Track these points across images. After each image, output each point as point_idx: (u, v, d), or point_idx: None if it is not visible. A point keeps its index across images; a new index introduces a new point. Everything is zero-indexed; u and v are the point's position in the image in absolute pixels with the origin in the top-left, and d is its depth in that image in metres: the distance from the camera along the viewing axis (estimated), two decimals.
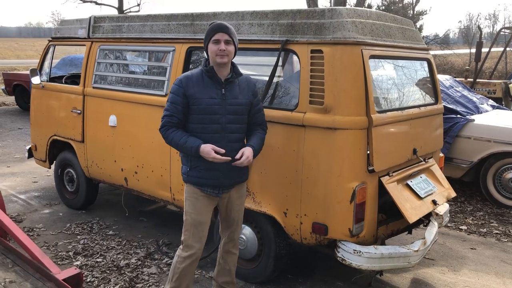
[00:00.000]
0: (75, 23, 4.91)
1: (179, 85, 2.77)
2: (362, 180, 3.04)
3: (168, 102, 2.79)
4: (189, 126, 2.80)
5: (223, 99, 2.79)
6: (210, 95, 2.76)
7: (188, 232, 2.88)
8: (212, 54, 2.75)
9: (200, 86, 2.77)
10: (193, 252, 2.88)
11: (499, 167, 5.47)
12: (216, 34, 2.73)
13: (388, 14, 3.58)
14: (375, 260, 3.06)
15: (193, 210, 2.87)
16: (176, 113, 2.76)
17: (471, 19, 53.16)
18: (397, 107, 3.48)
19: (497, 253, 4.31)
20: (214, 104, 2.76)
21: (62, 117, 4.88)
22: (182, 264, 2.89)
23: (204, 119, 2.77)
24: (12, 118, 11.39)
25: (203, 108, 2.75)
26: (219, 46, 2.72)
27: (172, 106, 2.77)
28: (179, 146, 2.76)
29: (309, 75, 3.06)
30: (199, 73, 2.82)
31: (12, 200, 5.45)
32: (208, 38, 2.76)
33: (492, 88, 9.63)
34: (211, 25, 2.78)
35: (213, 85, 2.79)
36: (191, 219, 2.88)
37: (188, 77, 2.80)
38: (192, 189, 2.87)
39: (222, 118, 2.78)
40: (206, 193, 2.86)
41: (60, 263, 3.85)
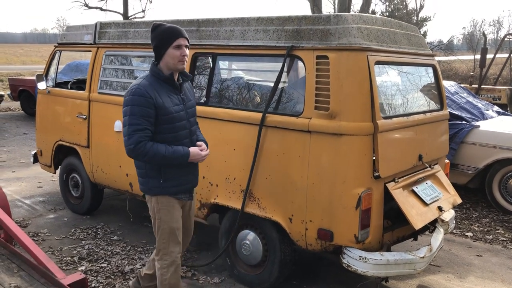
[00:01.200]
0: (81, 29, 4.94)
1: (147, 97, 2.61)
2: (367, 186, 3.04)
3: (135, 116, 2.59)
4: (157, 137, 2.68)
5: (183, 104, 2.80)
6: (174, 102, 2.74)
7: (166, 240, 2.84)
8: (173, 59, 2.67)
9: (164, 95, 2.69)
10: (173, 257, 2.86)
11: (504, 173, 5.44)
12: (178, 39, 2.67)
13: (393, 20, 3.58)
14: (381, 267, 3.04)
15: (170, 219, 2.83)
16: (149, 126, 2.62)
17: (475, 25, 53.10)
18: (402, 113, 3.48)
19: (504, 260, 4.28)
20: (180, 110, 2.76)
21: (67, 122, 4.90)
22: (168, 274, 2.85)
23: (175, 127, 2.73)
24: (17, 123, 11.44)
25: (173, 117, 2.71)
26: (181, 51, 2.68)
27: (142, 119, 2.59)
28: (166, 158, 2.64)
29: (314, 81, 3.06)
30: (155, 81, 2.70)
31: (17, 205, 5.46)
32: (169, 42, 2.65)
33: (497, 94, 9.60)
34: (167, 28, 2.68)
35: (173, 91, 2.76)
36: (169, 227, 2.83)
37: (150, 87, 2.65)
38: (167, 199, 2.81)
39: (187, 123, 2.82)
40: (180, 200, 2.88)
41: (65, 268, 3.85)
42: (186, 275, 3.79)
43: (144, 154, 2.61)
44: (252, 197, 3.40)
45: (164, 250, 2.84)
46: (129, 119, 2.61)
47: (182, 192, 2.86)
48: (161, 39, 2.67)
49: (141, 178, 2.84)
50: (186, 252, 4.23)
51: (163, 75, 2.70)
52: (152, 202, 2.84)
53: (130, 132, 2.60)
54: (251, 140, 3.35)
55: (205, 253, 4.24)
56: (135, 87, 2.64)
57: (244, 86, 3.82)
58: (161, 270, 2.85)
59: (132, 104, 2.61)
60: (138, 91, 2.62)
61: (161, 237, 2.84)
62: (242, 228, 3.57)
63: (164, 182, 2.77)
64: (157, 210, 2.82)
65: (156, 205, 2.82)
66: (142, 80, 2.69)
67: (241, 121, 3.43)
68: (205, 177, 3.67)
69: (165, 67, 2.71)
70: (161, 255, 2.86)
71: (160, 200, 2.81)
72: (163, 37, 2.67)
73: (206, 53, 3.74)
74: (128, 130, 2.60)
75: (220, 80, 3.96)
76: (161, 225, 2.83)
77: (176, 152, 2.67)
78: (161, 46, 2.68)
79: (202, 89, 3.78)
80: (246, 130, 3.40)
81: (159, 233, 2.84)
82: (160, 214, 2.82)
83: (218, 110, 3.58)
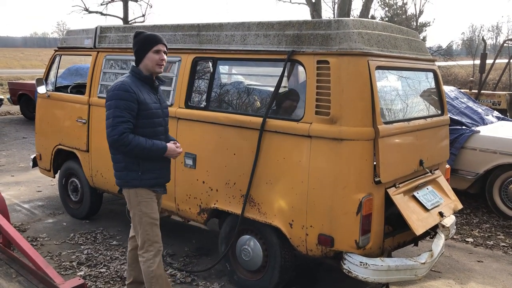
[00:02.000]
0: (81, 33, 4.93)
1: (130, 92, 2.82)
2: (368, 192, 3.02)
3: (119, 108, 2.79)
4: (137, 131, 2.87)
5: (160, 103, 3.04)
6: (153, 100, 2.97)
7: (149, 232, 2.95)
8: (152, 63, 2.91)
9: (145, 93, 2.92)
10: (158, 247, 2.98)
11: (505, 179, 5.43)
12: (158, 44, 2.91)
13: (394, 25, 3.58)
14: (382, 273, 3.03)
15: (150, 210, 2.96)
16: (131, 119, 2.82)
17: (474, 30, 53.14)
18: (403, 118, 3.47)
19: (505, 266, 4.26)
20: (157, 108, 2.99)
21: (67, 126, 4.88)
22: (154, 265, 2.95)
23: (154, 123, 2.95)
24: (16, 127, 11.43)
25: (152, 113, 2.93)
26: (160, 56, 2.92)
27: (125, 112, 2.79)
28: (145, 150, 2.83)
29: (315, 85, 3.05)
30: (136, 80, 2.92)
31: (16, 209, 5.44)
32: (149, 47, 2.89)
33: (497, 99, 9.61)
34: (147, 35, 2.92)
35: (151, 91, 2.99)
36: (150, 218, 2.96)
37: (133, 84, 2.87)
38: (145, 191, 2.95)
39: (163, 121, 3.06)
40: (156, 193, 3.03)
41: (64, 273, 3.83)
42: (186, 280, 3.77)
43: (126, 144, 2.78)
44: (252, 202, 3.38)
45: (149, 242, 2.95)
46: (113, 112, 2.79)
47: (158, 185, 3.02)
48: (142, 44, 2.91)
49: (120, 172, 2.96)
50: (186, 257, 4.21)
51: (143, 75, 2.94)
52: (130, 195, 2.96)
53: (114, 124, 2.78)
54: (251, 145, 3.34)
55: (204, 259, 4.21)
56: (119, 83, 2.86)
57: (245, 91, 3.81)
58: (147, 262, 2.95)
59: (117, 98, 2.81)
60: (122, 86, 2.83)
61: (144, 230, 2.95)
62: (242, 233, 3.55)
63: (142, 174, 2.92)
64: (137, 203, 2.95)
65: (135, 198, 2.95)
66: (124, 78, 2.91)
67: (242, 126, 3.42)
68: (205, 181, 3.66)
69: (144, 69, 2.95)
70: (146, 246, 2.95)
71: (139, 193, 2.94)
72: (145, 42, 2.91)
73: (207, 58, 3.73)
74: (112, 122, 2.78)
75: (221, 85, 3.95)
76: (142, 217, 2.95)
77: (155, 145, 2.87)
78: (142, 50, 2.92)
79: (202, 94, 3.77)
80: (247, 135, 3.39)
81: (141, 225, 2.95)
82: (141, 206, 2.95)
83: (218, 114, 3.57)
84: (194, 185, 3.72)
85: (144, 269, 2.97)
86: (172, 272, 3.88)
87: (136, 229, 2.99)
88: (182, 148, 3.12)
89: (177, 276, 3.82)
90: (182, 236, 4.72)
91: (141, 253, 2.97)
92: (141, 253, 2.97)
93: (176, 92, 3.84)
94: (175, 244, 4.51)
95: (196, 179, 3.71)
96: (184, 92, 3.79)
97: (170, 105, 3.84)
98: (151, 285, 2.97)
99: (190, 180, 3.74)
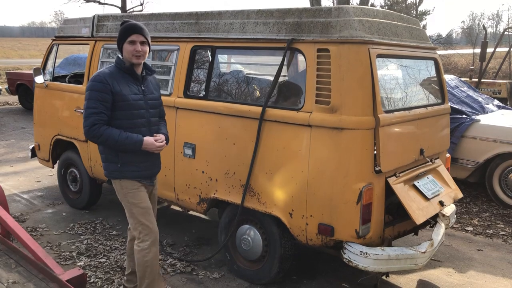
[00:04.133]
0: (78, 22, 4.88)
1: (104, 83, 2.77)
2: (369, 181, 3.01)
3: (92, 100, 2.76)
4: (114, 123, 2.82)
5: (144, 94, 2.94)
6: (133, 91, 2.89)
7: (143, 220, 2.91)
8: (128, 54, 2.84)
9: (123, 84, 2.85)
10: (154, 235, 2.93)
11: (505, 167, 5.42)
12: (132, 35, 2.82)
13: (394, 13, 3.54)
14: (382, 262, 3.02)
15: (139, 200, 2.92)
16: (104, 110, 2.77)
17: (474, 19, 52.93)
18: (404, 107, 3.44)
19: (504, 254, 4.27)
20: (138, 99, 2.90)
21: (65, 116, 4.85)
22: (150, 254, 2.91)
23: (132, 114, 2.87)
24: (15, 117, 11.39)
25: (130, 104, 2.85)
26: (135, 47, 2.83)
27: (98, 103, 2.75)
28: (118, 142, 2.77)
29: (315, 74, 3.02)
30: (117, 71, 2.86)
31: (15, 199, 5.43)
32: (124, 38, 2.83)
33: (497, 88, 9.58)
34: (125, 25, 2.85)
35: (134, 82, 2.91)
36: (141, 208, 2.92)
37: (110, 75, 2.82)
38: (130, 182, 2.92)
39: (146, 113, 2.95)
40: (142, 183, 2.98)
41: (63, 263, 3.83)
42: (186, 270, 3.77)
43: (98, 136, 2.75)
44: (252, 192, 3.37)
45: (144, 231, 2.91)
46: (87, 103, 2.78)
47: (141, 177, 2.96)
48: (120, 34, 2.86)
49: (103, 162, 2.95)
50: (186, 246, 4.21)
51: (124, 66, 2.87)
52: (116, 187, 2.95)
53: (86, 115, 2.76)
54: (251, 135, 3.32)
55: (204, 248, 4.21)
56: (95, 74, 2.84)
57: (244, 80, 3.78)
58: (142, 251, 2.90)
59: (91, 89, 2.78)
60: (97, 77, 2.80)
61: (136, 219, 2.92)
62: (242, 223, 3.55)
63: (121, 166, 2.89)
64: (124, 194, 2.93)
65: (121, 190, 2.94)
66: (104, 69, 2.88)
67: (241, 115, 3.39)
68: (204, 171, 3.64)
69: (125, 59, 2.88)
70: (142, 236, 2.91)
71: (124, 185, 2.92)
72: (121, 33, 2.85)
73: (205, 46, 3.70)
74: (85, 113, 2.77)
75: (219, 74, 3.92)
76: (132, 208, 2.92)
77: (129, 138, 2.80)
78: (119, 40, 2.86)
79: (201, 83, 3.74)
80: (246, 124, 3.36)
81: (133, 216, 2.92)
82: (128, 198, 2.92)
83: (218, 104, 3.55)
84: (194, 175, 3.70)
85: (138, 258, 2.92)
86: (172, 262, 3.88)
87: (129, 220, 2.96)
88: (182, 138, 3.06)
89: (177, 265, 3.82)
90: (182, 226, 4.72)
91: (138, 242, 2.92)
92: (137, 243, 2.92)
93: (175, 81, 3.81)
94: (175, 233, 4.51)
95: (195, 169, 3.70)
96: (183, 82, 3.75)
97: (169, 94, 3.81)
98: (145, 274, 2.92)
99: (190, 170, 3.72)
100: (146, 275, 2.93)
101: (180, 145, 3.75)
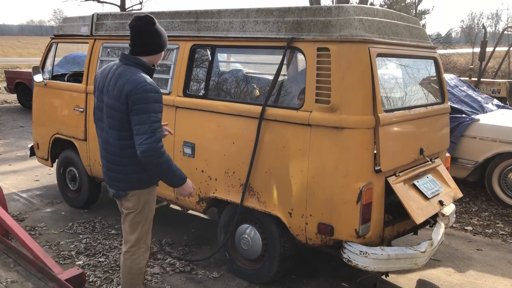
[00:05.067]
0: (77, 21, 4.87)
1: (159, 93, 2.61)
2: (368, 180, 3.00)
3: (155, 113, 2.55)
4: None
5: None
6: None
7: (147, 230, 2.89)
8: (156, 60, 2.78)
9: None
10: (148, 244, 2.93)
11: (504, 167, 5.42)
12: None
13: (394, 12, 3.53)
14: (382, 262, 3.02)
15: (152, 210, 2.90)
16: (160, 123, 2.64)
17: (473, 18, 52.85)
18: (404, 106, 3.44)
19: (504, 254, 4.26)
20: None
21: (64, 115, 4.84)
22: (144, 261, 2.90)
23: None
24: (14, 116, 11.37)
25: None
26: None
27: (160, 116, 2.59)
28: (170, 171, 2.65)
29: (315, 73, 3.02)
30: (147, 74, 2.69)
31: (14, 198, 5.42)
32: (166, 46, 2.78)
33: (497, 87, 9.57)
34: (165, 33, 2.76)
35: None
36: (153, 214, 2.92)
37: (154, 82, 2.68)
38: (155, 188, 2.89)
39: None
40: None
41: (62, 262, 3.82)
42: (185, 269, 3.76)
43: (160, 155, 2.56)
44: (252, 191, 3.36)
45: (143, 239, 2.89)
46: (149, 117, 2.53)
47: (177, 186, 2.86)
48: (164, 39, 2.75)
49: (129, 175, 2.75)
50: (185, 246, 4.20)
51: (150, 68, 2.75)
52: (142, 195, 2.80)
53: (152, 131, 2.52)
54: (250, 134, 3.31)
55: (204, 248, 4.21)
56: (145, 83, 2.55)
57: (243, 79, 3.77)
58: (137, 259, 2.86)
59: (154, 101, 2.56)
60: (155, 88, 2.58)
61: (143, 227, 2.87)
62: (242, 222, 3.54)
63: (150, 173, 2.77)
64: (147, 200, 2.85)
65: (147, 196, 2.83)
66: (142, 75, 2.62)
67: (241, 114, 3.39)
68: (204, 170, 3.63)
69: (149, 61, 2.75)
70: (140, 244, 2.87)
71: (152, 191, 2.87)
72: (166, 40, 2.76)
73: (205, 45, 3.68)
74: (150, 129, 2.52)
75: (219, 73, 3.91)
76: (149, 214, 2.88)
77: (179, 171, 2.72)
78: (162, 45, 2.74)
79: (200, 82, 3.73)
80: (246, 124, 3.35)
81: (144, 223, 2.86)
82: (150, 204, 2.87)
83: (217, 103, 3.54)
84: (193, 174, 3.69)
85: (130, 265, 2.84)
86: (171, 261, 3.87)
87: (134, 227, 2.83)
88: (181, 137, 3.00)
89: (176, 265, 3.82)
90: (181, 225, 4.71)
91: (134, 250, 2.84)
92: (133, 250, 2.84)
93: (174, 80, 3.80)
94: (174, 233, 4.50)
95: (195, 168, 3.69)
96: (182, 81, 3.74)
97: (168, 93, 3.80)
98: (137, 280, 2.89)
99: (189, 169, 3.71)
100: (138, 281, 2.90)
101: (179, 144, 3.74)
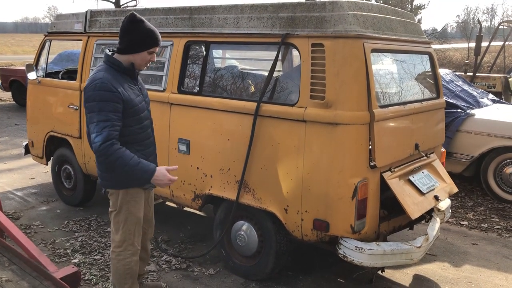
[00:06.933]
0: (71, 18, 4.84)
1: (114, 91, 2.53)
2: (364, 176, 3.00)
3: (104, 112, 2.48)
4: (125, 130, 2.62)
5: (142, 94, 2.80)
6: (135, 93, 2.72)
7: (131, 231, 2.80)
8: (141, 61, 2.68)
9: (126, 87, 2.64)
10: (136, 247, 2.85)
11: (499, 161, 5.44)
12: (156, 46, 2.68)
13: (389, 7, 3.53)
14: (377, 257, 3.02)
15: (137, 210, 2.81)
16: (118, 121, 2.55)
17: (469, 13, 52.98)
18: (399, 101, 3.44)
19: (499, 248, 4.28)
20: (141, 101, 2.75)
21: (59, 113, 4.82)
22: (132, 263, 2.83)
23: (141, 118, 2.72)
24: (8, 114, 11.31)
25: (138, 108, 2.69)
26: (152, 58, 2.71)
27: (112, 115, 2.50)
28: (126, 167, 2.53)
29: (310, 69, 3.01)
30: (115, 72, 2.63)
31: (9, 197, 5.39)
32: (148, 46, 2.64)
33: (492, 82, 9.60)
34: (152, 32, 2.65)
35: (132, 82, 2.73)
36: (136, 218, 2.81)
37: (114, 80, 2.57)
38: (135, 190, 2.77)
39: (148, 113, 2.83)
40: (145, 190, 2.86)
41: (58, 260, 3.80)
42: (181, 266, 3.76)
43: (109, 154, 2.50)
44: (247, 187, 3.36)
45: (129, 241, 2.81)
46: (97, 116, 2.50)
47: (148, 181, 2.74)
48: (143, 38, 2.63)
49: (104, 173, 2.73)
50: (181, 243, 4.20)
51: (123, 67, 2.65)
52: (119, 195, 2.75)
53: (98, 130, 2.49)
54: (245, 130, 3.30)
55: (199, 245, 4.20)
56: (99, 81, 2.53)
57: (238, 75, 3.76)
58: (123, 261, 2.81)
59: (100, 100, 2.51)
60: (103, 85, 2.52)
61: (127, 229, 2.79)
62: (237, 219, 3.53)
63: None
64: (126, 202, 2.76)
65: (125, 197, 2.75)
66: (102, 73, 2.58)
67: (235, 111, 3.38)
68: (199, 167, 3.62)
69: (126, 60, 2.66)
70: (125, 245, 2.80)
71: (130, 193, 2.76)
72: (145, 38, 2.63)
73: (199, 42, 3.67)
74: (96, 128, 2.50)
75: (214, 69, 3.90)
76: (128, 216, 2.77)
77: (140, 165, 2.58)
78: (138, 44, 2.63)
79: (195, 79, 3.71)
80: (241, 120, 3.34)
81: (125, 224, 2.78)
82: (129, 205, 2.77)
83: (212, 99, 3.52)
84: (188, 171, 3.68)
85: (117, 265, 2.82)
86: (167, 258, 3.87)
87: (116, 226, 2.79)
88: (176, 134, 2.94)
89: (172, 262, 3.81)
90: (177, 222, 4.70)
91: (119, 251, 2.80)
92: (118, 251, 2.80)
93: (169, 77, 3.78)
94: (170, 230, 4.49)
95: (190, 165, 3.68)
96: (177, 77, 3.73)
97: (163, 90, 3.78)
98: (126, 279, 2.84)
99: (184, 166, 3.70)
100: (127, 281, 2.85)
101: (174, 141, 3.73)
